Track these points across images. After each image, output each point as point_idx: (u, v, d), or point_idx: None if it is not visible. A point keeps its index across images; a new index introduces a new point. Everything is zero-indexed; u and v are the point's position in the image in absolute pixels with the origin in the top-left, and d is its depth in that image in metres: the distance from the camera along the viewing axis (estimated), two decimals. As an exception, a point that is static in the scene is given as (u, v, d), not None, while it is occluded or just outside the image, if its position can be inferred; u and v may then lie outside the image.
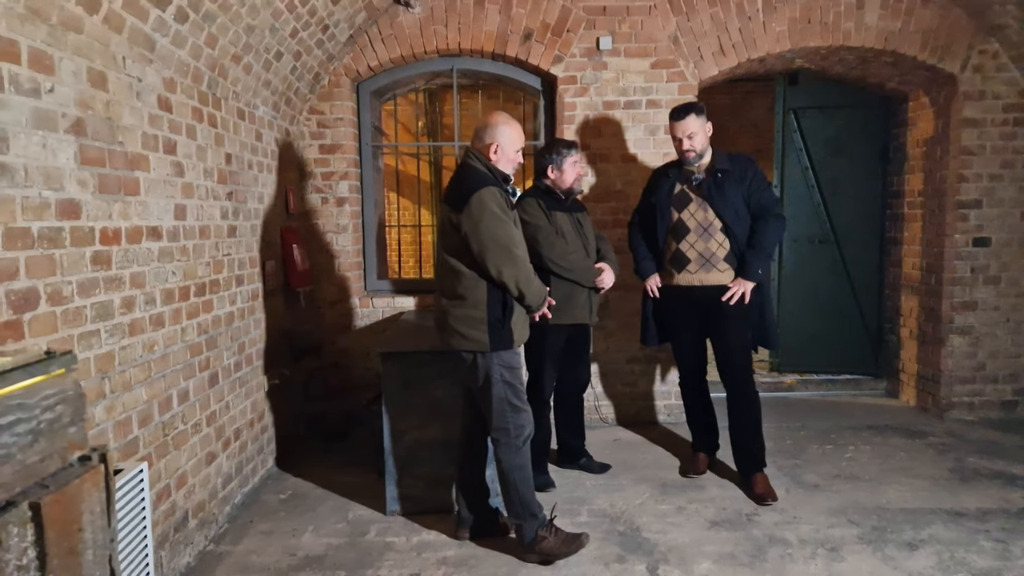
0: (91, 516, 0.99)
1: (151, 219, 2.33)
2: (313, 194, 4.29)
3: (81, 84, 1.93)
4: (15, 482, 0.88)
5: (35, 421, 0.92)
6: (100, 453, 1.04)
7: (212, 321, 2.85)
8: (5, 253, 1.60)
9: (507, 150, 2.53)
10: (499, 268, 2.37)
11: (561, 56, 4.12)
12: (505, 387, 2.48)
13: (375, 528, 2.88)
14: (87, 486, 0.98)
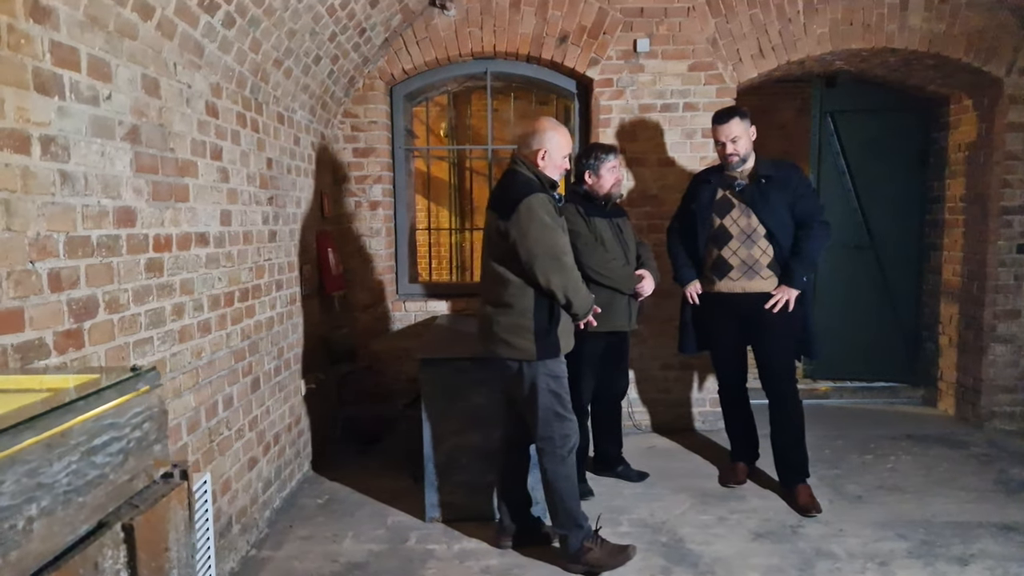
0: (176, 534, 0.98)
1: (199, 225, 2.34)
2: (347, 198, 4.29)
3: (136, 91, 1.93)
4: (108, 503, 0.87)
5: (125, 440, 0.91)
6: (181, 469, 1.03)
7: (254, 326, 2.85)
8: (67, 262, 1.61)
9: (555, 156, 2.50)
10: (548, 276, 2.34)
11: (597, 59, 4.08)
12: (551, 396, 2.45)
13: (415, 535, 2.86)
14: (172, 504, 0.97)
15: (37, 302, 1.49)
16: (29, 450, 0.72)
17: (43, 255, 1.52)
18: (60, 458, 0.78)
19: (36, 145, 1.50)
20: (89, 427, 0.83)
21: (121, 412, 0.90)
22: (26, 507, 0.72)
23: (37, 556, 0.74)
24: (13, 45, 1.43)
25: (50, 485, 0.76)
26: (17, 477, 0.70)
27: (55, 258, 1.56)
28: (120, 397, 0.90)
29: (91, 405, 0.84)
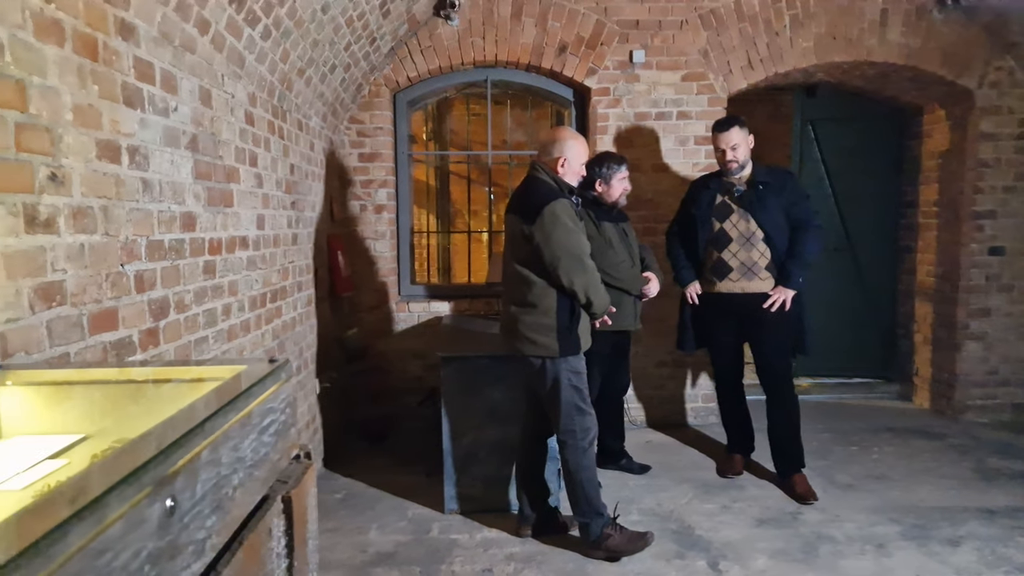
0: (311, 509, 1.10)
1: (241, 229, 2.43)
2: (353, 201, 4.38)
3: (195, 102, 2.03)
4: (270, 477, 0.99)
5: (276, 424, 1.03)
6: (305, 452, 1.15)
7: (282, 326, 2.94)
8: (148, 264, 1.70)
9: (573, 164, 2.66)
10: (571, 277, 2.49)
11: (595, 68, 4.25)
12: (573, 391, 2.60)
13: (437, 526, 2.98)
14: (307, 481, 1.09)
15: (127, 302, 1.58)
16: (233, 428, 0.84)
17: (131, 258, 1.61)
18: (247, 436, 0.89)
19: (125, 155, 1.59)
20: (262, 410, 0.95)
21: (276, 398, 1.02)
22: (232, 477, 0.84)
23: (236, 520, 0.85)
24: (107, 61, 1.52)
25: (243, 459, 0.88)
26: (228, 451, 0.82)
27: (139, 261, 1.65)
28: (275, 384, 1.02)
29: (262, 390, 0.95)
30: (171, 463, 0.66)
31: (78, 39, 1.42)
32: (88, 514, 0.52)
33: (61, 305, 1.34)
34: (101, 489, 0.55)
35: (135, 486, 0.59)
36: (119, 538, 0.56)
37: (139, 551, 0.59)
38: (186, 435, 0.71)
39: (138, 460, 0.62)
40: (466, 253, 5.70)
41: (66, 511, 0.51)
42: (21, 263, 1.23)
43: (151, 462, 0.63)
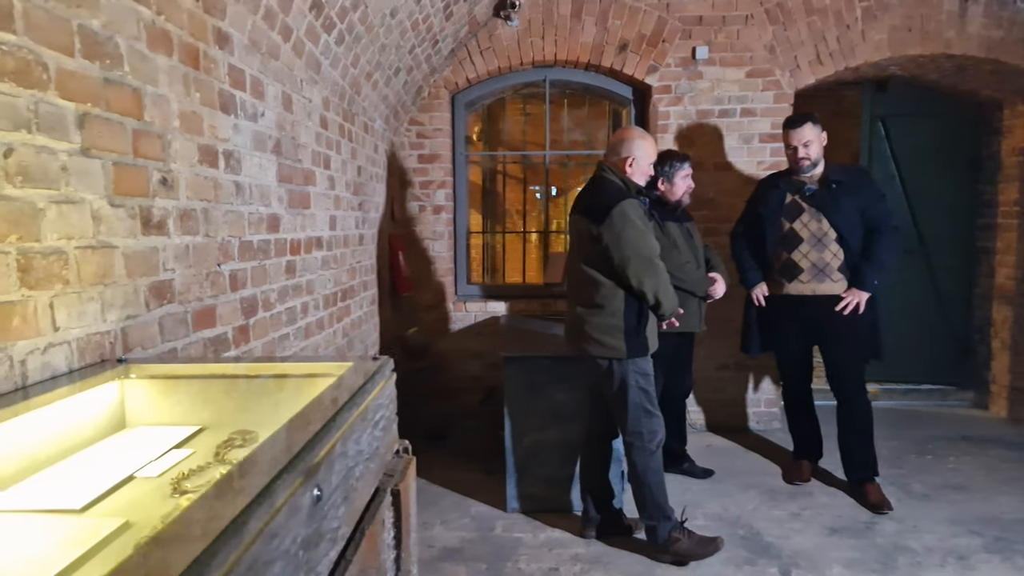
0: (413, 503, 1.12)
1: (316, 230, 2.50)
2: (412, 202, 4.45)
3: (278, 107, 2.09)
4: (379, 470, 1.01)
5: (384, 419, 1.05)
6: (404, 447, 1.17)
7: (350, 325, 3.01)
8: (240, 264, 1.76)
9: (642, 164, 2.63)
10: (640, 278, 2.47)
11: (656, 66, 4.20)
12: (640, 393, 2.58)
13: (500, 524, 3.00)
14: (410, 475, 1.11)
15: (224, 300, 1.65)
16: (356, 423, 0.87)
17: (226, 258, 1.67)
18: (365, 430, 0.92)
19: (221, 159, 1.66)
20: (374, 405, 0.97)
21: (383, 394, 1.04)
22: (356, 469, 0.87)
23: (357, 511, 0.88)
24: (206, 69, 1.59)
25: (362, 452, 0.90)
26: (352, 444, 0.85)
27: (233, 261, 1.72)
28: (382, 381, 1.05)
29: (374, 386, 0.98)
30: (315, 454, 0.69)
31: (183, 49, 1.48)
32: (264, 500, 0.54)
33: (171, 303, 1.40)
34: (267, 478, 0.57)
35: (293, 474, 0.62)
36: (283, 523, 0.58)
37: (296, 537, 0.62)
38: (324, 428, 0.74)
39: (289, 450, 0.65)
40: (514, 254, 5.72)
41: (242, 499, 0.53)
42: (138, 263, 1.29)
43: (301, 452, 0.66)
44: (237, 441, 1.04)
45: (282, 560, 0.58)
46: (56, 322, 1.07)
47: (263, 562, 0.53)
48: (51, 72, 1.07)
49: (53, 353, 1.06)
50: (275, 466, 0.60)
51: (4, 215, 0.97)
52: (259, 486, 0.56)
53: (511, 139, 8.10)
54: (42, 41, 1.05)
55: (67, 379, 1.05)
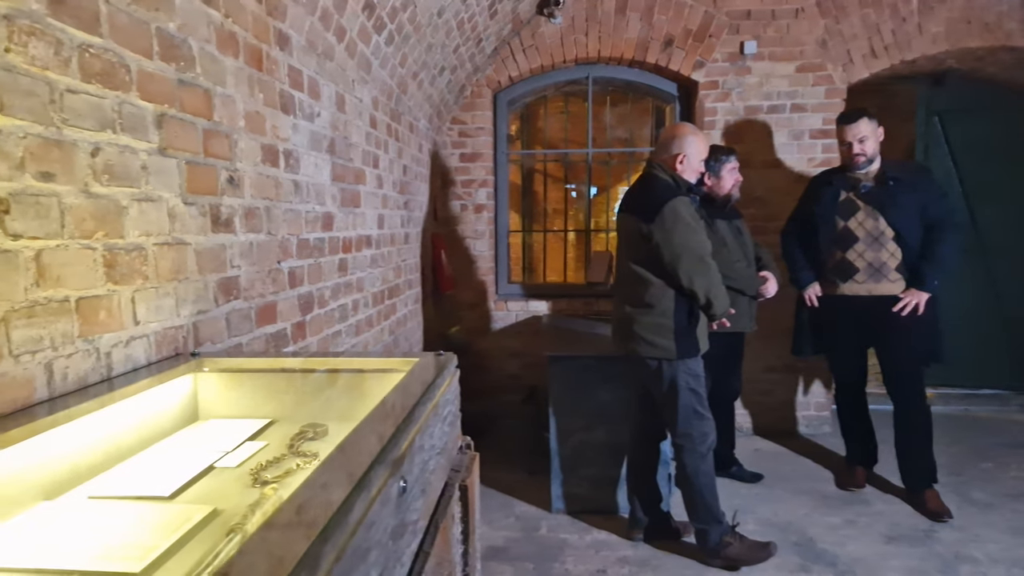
0: (477, 498, 1.12)
1: (366, 228, 2.53)
2: (453, 201, 4.47)
3: (332, 107, 2.12)
4: (448, 466, 1.02)
5: (451, 414, 1.06)
6: (467, 442, 1.18)
7: (396, 323, 3.04)
8: (298, 262, 1.80)
9: (693, 161, 2.59)
10: (691, 277, 2.43)
11: (702, 61, 4.14)
12: (690, 394, 2.54)
13: (545, 524, 2.99)
14: (475, 470, 1.11)
15: (283, 297, 1.68)
16: (430, 417, 0.87)
17: (286, 255, 1.71)
18: (436, 425, 0.92)
19: (282, 158, 1.69)
20: (443, 401, 0.98)
21: (450, 389, 1.05)
22: (430, 463, 0.87)
23: (431, 504, 0.89)
24: (268, 70, 1.62)
25: (435, 447, 0.91)
26: (427, 438, 0.85)
27: (292, 258, 1.75)
28: (449, 377, 1.05)
29: (443, 381, 0.99)
30: (400, 446, 0.69)
31: (248, 50, 1.51)
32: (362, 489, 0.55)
33: (237, 299, 1.44)
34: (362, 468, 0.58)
35: (384, 465, 0.62)
36: (378, 513, 0.59)
37: (387, 527, 0.62)
38: (405, 420, 0.74)
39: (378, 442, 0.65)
40: (554, 253, 5.69)
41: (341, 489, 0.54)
42: (208, 259, 1.32)
43: (388, 444, 0.66)
44: (309, 434, 1.06)
45: (376, 549, 0.58)
46: (137, 316, 1.11)
47: (363, 549, 0.53)
48: (133, 74, 1.10)
49: (134, 346, 1.10)
50: (368, 456, 0.61)
51: (92, 212, 1.01)
52: (356, 475, 0.56)
53: (548, 137, 8.07)
54: (125, 44, 1.08)
55: (146, 371, 1.08)
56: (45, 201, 0.91)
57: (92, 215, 1.01)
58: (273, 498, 0.79)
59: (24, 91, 0.88)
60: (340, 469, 0.59)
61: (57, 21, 0.94)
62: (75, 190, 0.97)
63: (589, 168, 4.93)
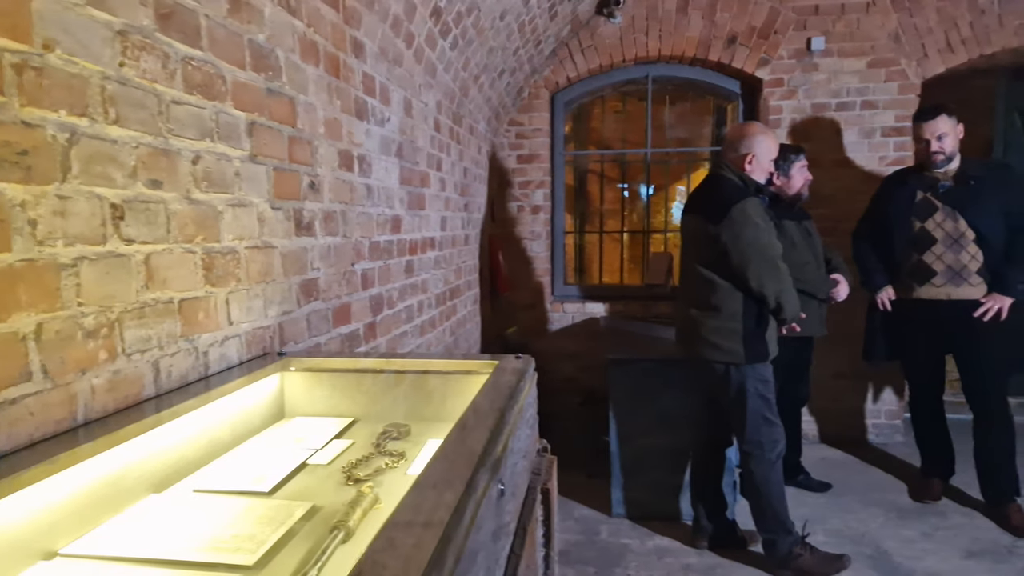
0: (556, 502, 1.12)
1: (430, 230, 2.56)
2: (510, 203, 4.49)
3: (400, 112, 2.16)
4: (530, 468, 1.02)
5: (531, 417, 1.06)
6: (544, 445, 1.18)
7: (456, 323, 3.07)
8: (369, 264, 1.84)
9: (763, 161, 2.52)
10: (761, 280, 2.37)
11: (767, 59, 4.03)
12: (760, 400, 2.47)
13: (605, 529, 2.96)
14: (553, 472, 1.11)
15: (356, 298, 1.72)
16: (518, 420, 0.88)
17: (359, 258, 1.75)
18: (522, 427, 0.93)
19: (356, 163, 1.73)
20: (527, 403, 0.98)
21: (532, 392, 1.05)
22: (517, 465, 0.88)
23: (517, 507, 0.89)
24: (345, 77, 1.66)
25: (521, 450, 0.92)
26: (515, 441, 0.86)
27: (364, 260, 1.79)
28: (531, 379, 1.06)
29: (525, 384, 0.99)
30: (497, 449, 0.70)
31: (327, 58, 1.56)
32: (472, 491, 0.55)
33: (316, 300, 1.48)
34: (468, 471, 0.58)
35: (486, 468, 0.63)
36: (484, 515, 0.60)
37: (489, 529, 0.63)
38: (499, 423, 0.75)
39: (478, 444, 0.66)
40: (610, 254, 5.64)
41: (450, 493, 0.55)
42: (292, 262, 1.37)
43: (488, 447, 0.67)
44: (392, 433, 1.08)
45: (482, 551, 0.59)
46: (231, 317, 1.15)
47: (473, 552, 0.54)
48: (228, 84, 1.15)
49: (228, 345, 1.14)
50: (471, 459, 0.62)
51: (193, 217, 1.06)
52: (465, 478, 0.57)
53: (602, 137, 8.02)
54: (221, 56, 1.13)
55: (238, 370, 1.13)
56: (154, 207, 0.96)
57: (193, 220, 1.06)
58: (370, 496, 0.81)
59: (136, 103, 0.93)
60: (446, 471, 0.60)
61: (164, 36, 0.98)
62: (179, 196, 1.02)
63: (647, 168, 4.87)
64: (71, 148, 0.82)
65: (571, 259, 9.05)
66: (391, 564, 0.43)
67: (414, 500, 0.54)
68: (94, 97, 0.85)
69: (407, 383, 1.17)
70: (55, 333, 0.79)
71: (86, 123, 0.84)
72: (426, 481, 0.58)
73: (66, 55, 0.81)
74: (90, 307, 0.85)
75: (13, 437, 0.74)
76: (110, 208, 0.88)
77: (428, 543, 0.45)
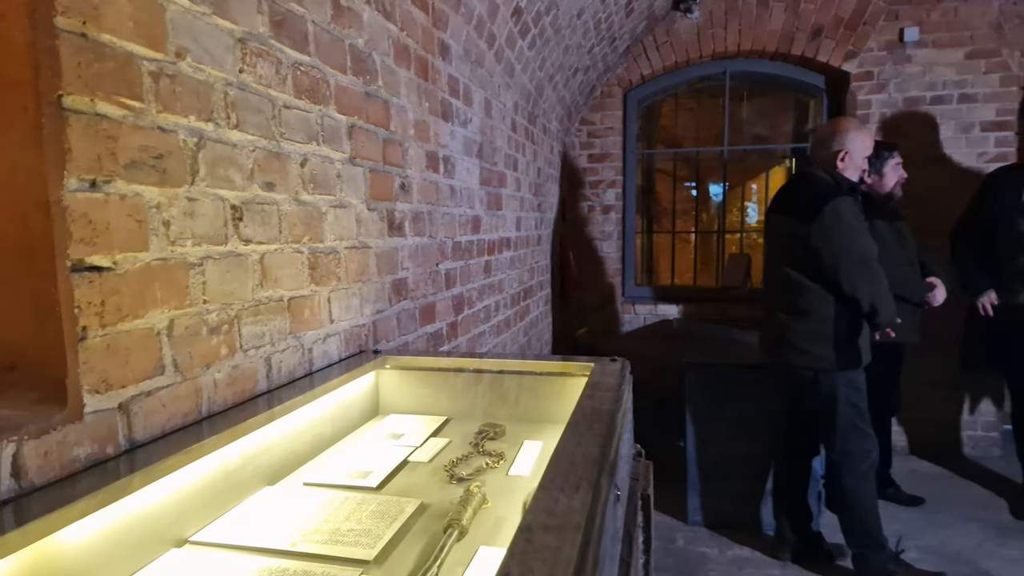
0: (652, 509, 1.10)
1: (506, 231, 2.57)
2: (581, 202, 4.45)
3: (480, 114, 2.18)
4: (630, 474, 1.01)
5: (630, 422, 1.04)
6: (639, 450, 1.16)
7: (529, 324, 3.07)
8: (452, 264, 1.86)
9: (856, 158, 2.40)
10: (854, 283, 2.25)
11: (855, 51, 3.84)
12: (851, 409, 2.36)
13: (681, 536, 2.89)
14: (650, 478, 1.09)
15: (440, 297, 1.74)
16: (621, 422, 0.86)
17: (443, 257, 1.77)
18: (626, 432, 0.92)
19: (441, 164, 1.75)
20: (627, 407, 0.97)
21: (629, 395, 1.03)
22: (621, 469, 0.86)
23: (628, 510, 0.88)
24: (432, 79, 1.69)
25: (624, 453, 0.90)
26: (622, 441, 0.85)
27: (448, 260, 1.81)
28: (628, 383, 1.04)
29: (626, 388, 0.98)
30: (611, 454, 0.69)
31: (417, 61, 1.58)
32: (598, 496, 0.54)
33: (405, 299, 1.51)
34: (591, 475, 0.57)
35: (607, 473, 0.62)
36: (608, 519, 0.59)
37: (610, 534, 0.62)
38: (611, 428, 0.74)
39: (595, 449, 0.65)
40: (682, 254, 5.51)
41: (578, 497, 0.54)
42: (385, 261, 1.40)
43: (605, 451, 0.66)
44: (489, 433, 1.09)
45: (607, 556, 0.58)
46: (332, 315, 1.19)
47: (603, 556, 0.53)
48: (331, 88, 1.18)
49: (330, 343, 1.18)
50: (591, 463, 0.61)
51: (301, 218, 1.09)
52: (590, 482, 0.56)
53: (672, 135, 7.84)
54: (326, 61, 1.16)
55: (338, 367, 1.16)
56: (268, 209, 1.00)
57: (301, 221, 1.09)
58: (478, 495, 0.81)
59: (253, 108, 0.97)
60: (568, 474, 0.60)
61: (277, 42, 1.02)
62: (289, 198, 1.06)
63: (724, 167, 4.73)
64: (199, 152, 0.86)
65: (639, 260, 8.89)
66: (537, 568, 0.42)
67: (545, 503, 0.53)
68: (218, 103, 0.89)
69: (500, 383, 1.17)
70: (184, 329, 0.84)
71: (211, 128, 0.88)
72: (551, 484, 0.57)
73: (195, 63, 0.85)
74: (214, 304, 0.89)
75: (148, 428, 0.78)
76: (230, 209, 0.92)
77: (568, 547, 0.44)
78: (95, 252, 0.71)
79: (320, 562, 0.72)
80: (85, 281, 0.69)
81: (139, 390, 0.77)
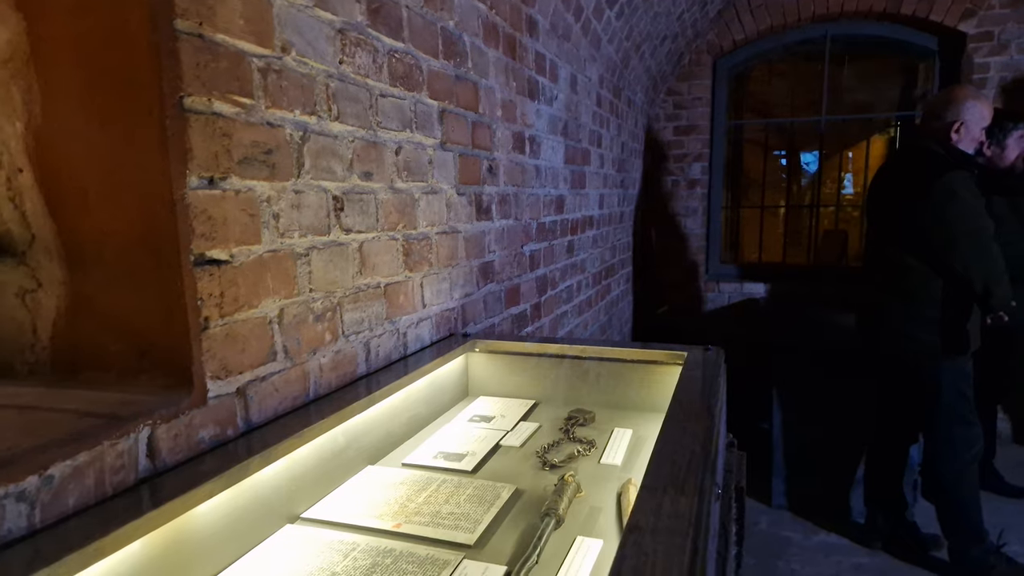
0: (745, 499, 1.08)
1: (589, 209, 2.54)
2: (665, 177, 4.32)
3: (566, 90, 2.14)
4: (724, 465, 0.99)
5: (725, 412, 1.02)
6: (731, 440, 1.13)
7: (610, 303, 3.04)
8: (536, 245, 1.85)
9: (972, 129, 2.21)
10: (966, 263, 2.09)
11: (973, 9, 3.50)
12: (957, 397, 2.21)
13: (765, 519, 2.83)
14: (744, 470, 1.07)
15: (525, 279, 1.75)
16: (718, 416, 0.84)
17: (527, 239, 1.77)
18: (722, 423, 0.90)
19: (527, 144, 1.74)
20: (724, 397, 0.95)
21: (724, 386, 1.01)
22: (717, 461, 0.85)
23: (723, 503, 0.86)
24: (520, 57, 1.67)
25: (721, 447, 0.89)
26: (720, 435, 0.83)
27: (532, 242, 1.81)
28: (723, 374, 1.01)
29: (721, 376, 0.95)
30: (711, 450, 0.67)
31: (505, 40, 1.57)
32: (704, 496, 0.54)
33: (492, 282, 1.52)
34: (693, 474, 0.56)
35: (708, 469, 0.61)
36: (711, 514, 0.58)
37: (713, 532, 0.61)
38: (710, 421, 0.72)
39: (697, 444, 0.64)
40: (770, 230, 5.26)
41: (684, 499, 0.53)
42: (473, 245, 1.41)
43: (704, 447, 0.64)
44: (579, 419, 1.09)
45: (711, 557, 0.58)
46: (424, 299, 1.22)
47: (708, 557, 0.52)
48: (424, 74, 1.19)
49: (422, 327, 1.21)
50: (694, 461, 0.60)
51: (396, 205, 1.12)
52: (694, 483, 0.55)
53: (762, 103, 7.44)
54: (419, 46, 1.17)
55: (430, 351, 1.19)
56: (366, 198, 1.03)
57: (396, 208, 1.12)
58: (573, 484, 0.82)
59: (352, 98, 0.99)
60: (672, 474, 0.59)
61: (374, 30, 1.04)
62: (384, 186, 1.08)
63: (822, 137, 4.47)
64: (303, 145, 0.89)
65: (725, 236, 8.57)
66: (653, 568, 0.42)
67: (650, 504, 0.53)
68: (320, 95, 0.92)
69: (589, 369, 1.17)
70: (293, 317, 0.88)
71: (314, 121, 0.91)
72: (654, 484, 0.57)
73: (299, 56, 0.88)
74: (319, 292, 0.93)
75: (263, 411, 0.83)
76: (332, 200, 0.96)
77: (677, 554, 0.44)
78: (214, 246, 0.75)
79: (424, 544, 0.75)
80: (206, 274, 0.74)
81: (254, 375, 0.82)
